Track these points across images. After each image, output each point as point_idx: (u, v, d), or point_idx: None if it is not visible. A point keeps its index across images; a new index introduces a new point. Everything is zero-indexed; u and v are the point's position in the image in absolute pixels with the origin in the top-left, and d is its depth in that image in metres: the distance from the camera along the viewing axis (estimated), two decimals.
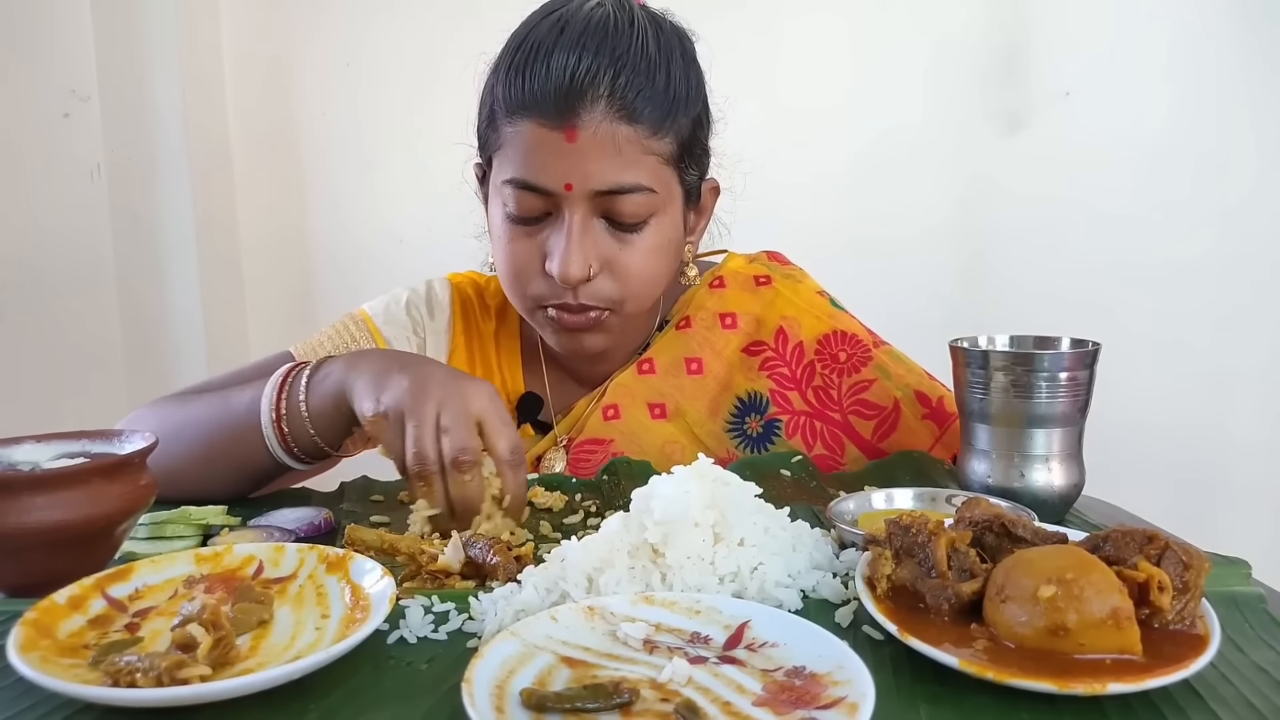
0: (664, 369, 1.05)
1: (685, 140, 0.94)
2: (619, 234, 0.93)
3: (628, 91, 0.88)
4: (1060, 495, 0.80)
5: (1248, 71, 1.88)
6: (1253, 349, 1.95)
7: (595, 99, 0.87)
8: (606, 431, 1.03)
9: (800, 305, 1.08)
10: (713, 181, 1.04)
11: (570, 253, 0.89)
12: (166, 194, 1.89)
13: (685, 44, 0.97)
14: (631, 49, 0.89)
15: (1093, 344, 0.80)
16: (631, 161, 0.89)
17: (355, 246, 2.06)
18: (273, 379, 0.86)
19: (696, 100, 0.95)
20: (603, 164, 0.88)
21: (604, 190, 0.89)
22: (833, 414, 1.04)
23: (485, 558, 0.65)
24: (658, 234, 0.94)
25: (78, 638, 0.55)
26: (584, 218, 0.90)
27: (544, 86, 0.87)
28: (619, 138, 0.88)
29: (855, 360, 1.05)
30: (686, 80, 0.94)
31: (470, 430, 0.76)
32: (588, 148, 0.87)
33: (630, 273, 0.93)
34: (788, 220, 1.72)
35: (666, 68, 0.91)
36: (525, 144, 0.90)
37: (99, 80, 1.81)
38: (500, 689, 0.47)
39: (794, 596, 0.60)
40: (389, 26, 1.99)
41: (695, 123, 0.96)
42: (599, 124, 0.87)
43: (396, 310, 1.10)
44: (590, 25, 0.89)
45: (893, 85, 1.97)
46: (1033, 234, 1.96)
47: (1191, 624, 0.52)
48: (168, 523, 0.78)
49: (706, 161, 1.01)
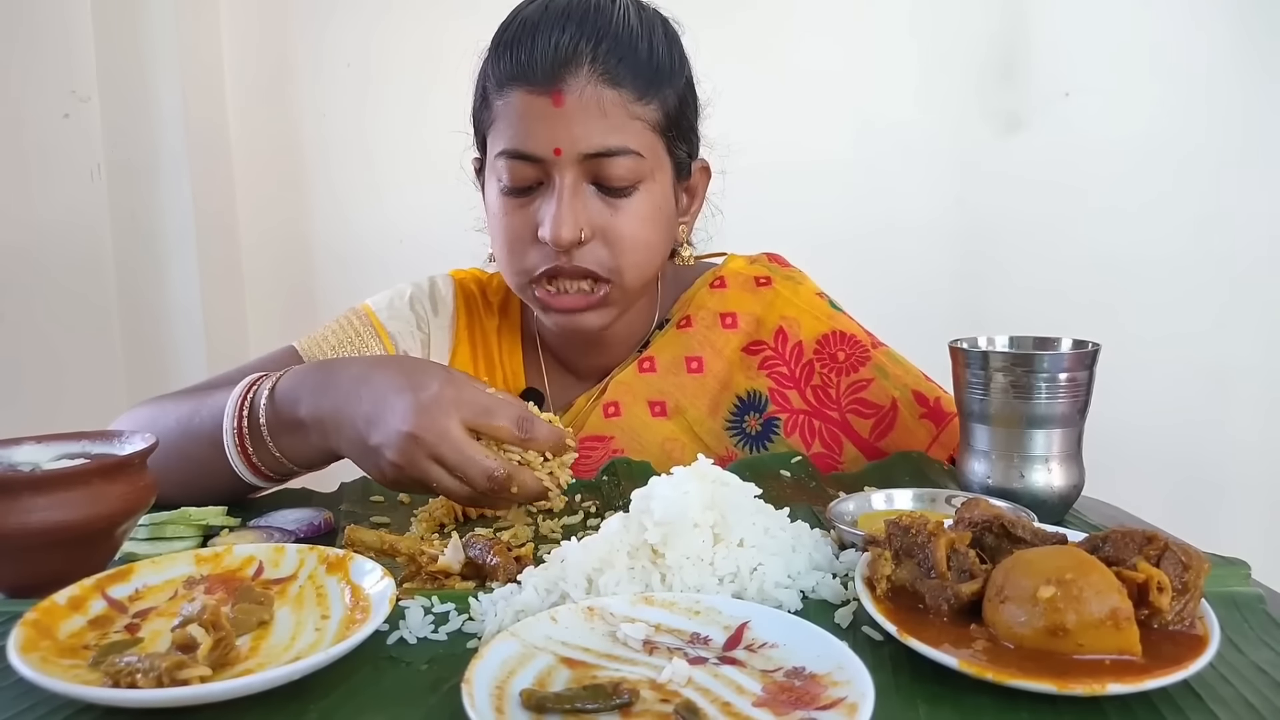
0: (664, 367, 1.06)
1: (671, 112, 0.96)
2: (609, 200, 0.94)
3: (609, 57, 0.91)
4: (1060, 496, 0.80)
5: (1245, 72, 1.88)
6: (1252, 349, 1.95)
7: (579, 65, 0.90)
8: (607, 429, 1.04)
9: (800, 306, 1.08)
10: (703, 161, 1.06)
11: (561, 214, 0.91)
12: (166, 194, 1.89)
13: (667, 25, 1.00)
14: (614, 19, 0.93)
15: (1092, 345, 0.81)
16: (618, 125, 0.92)
17: (355, 246, 2.05)
18: (227, 421, 0.84)
19: (679, 74, 0.98)
20: (589, 126, 0.91)
21: (592, 153, 0.91)
22: (831, 413, 1.05)
23: (485, 558, 0.66)
24: (648, 201, 0.95)
25: (78, 638, 0.55)
26: (574, 182, 0.92)
27: (530, 56, 0.91)
28: (604, 101, 0.91)
29: (854, 360, 1.06)
30: (670, 54, 0.97)
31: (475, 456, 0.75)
32: (574, 111, 0.90)
33: (623, 237, 0.94)
34: (786, 220, 1.72)
35: (649, 38, 0.95)
36: (515, 113, 0.92)
37: (99, 80, 1.81)
38: (500, 690, 0.47)
39: (793, 597, 0.60)
40: (389, 26, 1.99)
41: (680, 99, 0.98)
42: (584, 87, 0.90)
43: (400, 305, 1.11)
44: (573, 2, 0.94)
45: (892, 84, 1.97)
46: (1031, 234, 1.96)
47: (1191, 625, 0.52)
48: (168, 523, 0.78)
49: (695, 141, 1.03)
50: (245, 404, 0.84)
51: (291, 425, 0.82)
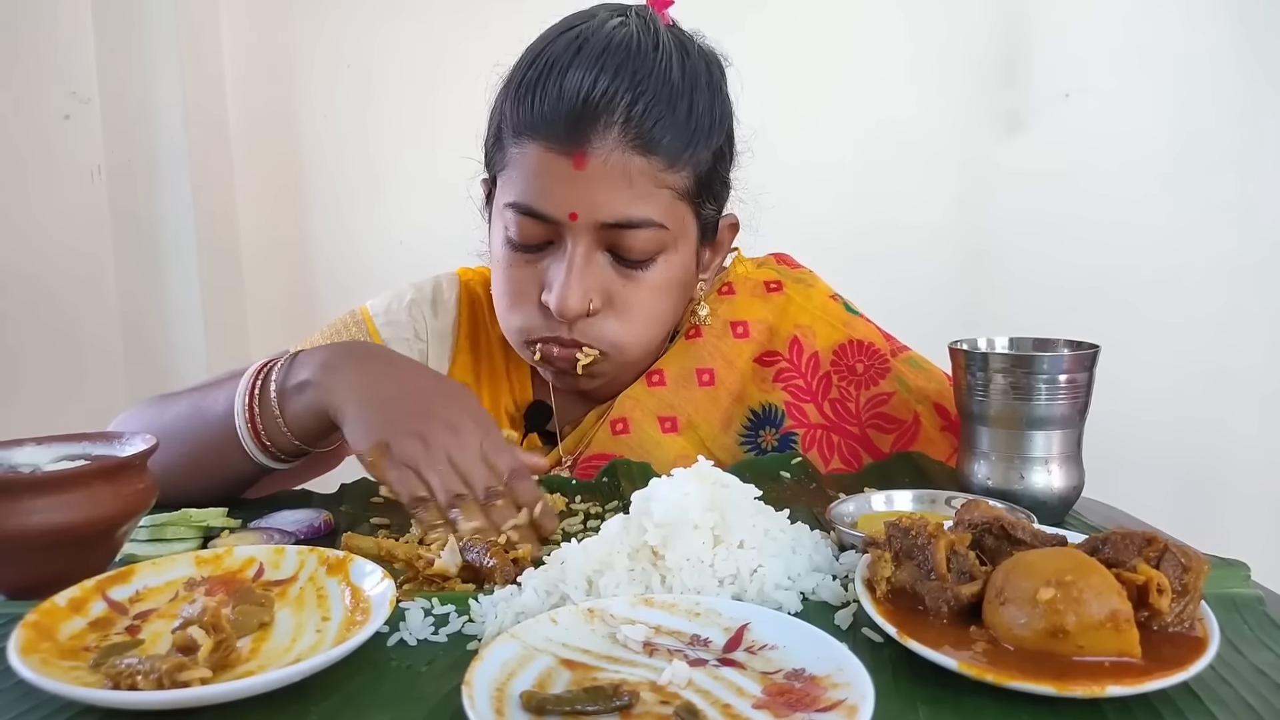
0: (674, 380, 1.00)
1: (703, 174, 0.89)
2: (624, 270, 0.88)
3: (645, 120, 0.83)
4: (1059, 497, 0.80)
5: (1247, 72, 1.88)
6: (1252, 349, 1.95)
7: (609, 125, 0.82)
8: (615, 447, 0.98)
9: (814, 312, 1.03)
10: (731, 217, 1.00)
11: (570, 285, 0.85)
12: (166, 195, 1.89)
13: (713, 70, 0.91)
14: (654, 74, 0.84)
15: (1092, 346, 0.81)
16: (643, 195, 0.84)
17: (355, 248, 2.05)
18: (242, 385, 0.82)
19: (720, 132, 0.90)
20: (612, 195, 0.84)
21: (611, 223, 0.85)
22: (850, 427, 1.00)
23: (482, 561, 0.66)
24: (665, 273, 0.90)
25: (78, 640, 0.55)
26: (587, 249, 0.86)
27: (554, 108, 0.83)
28: (631, 169, 0.83)
29: (873, 372, 1.00)
30: (711, 111, 0.88)
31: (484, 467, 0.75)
32: (597, 176, 0.83)
33: (632, 311, 0.89)
34: (786, 220, 1.72)
35: (690, 96, 0.86)
36: (530, 168, 0.85)
37: (99, 81, 1.82)
38: (500, 691, 0.47)
39: (793, 599, 0.60)
40: (390, 28, 1.99)
41: (716, 155, 0.91)
42: (611, 152, 0.82)
43: (398, 310, 1.06)
44: (611, 45, 0.84)
45: (893, 85, 1.97)
46: (1032, 235, 1.96)
47: (1190, 626, 0.52)
48: (168, 525, 0.78)
49: (725, 195, 0.97)
50: (260, 374, 0.82)
51: (299, 386, 0.80)
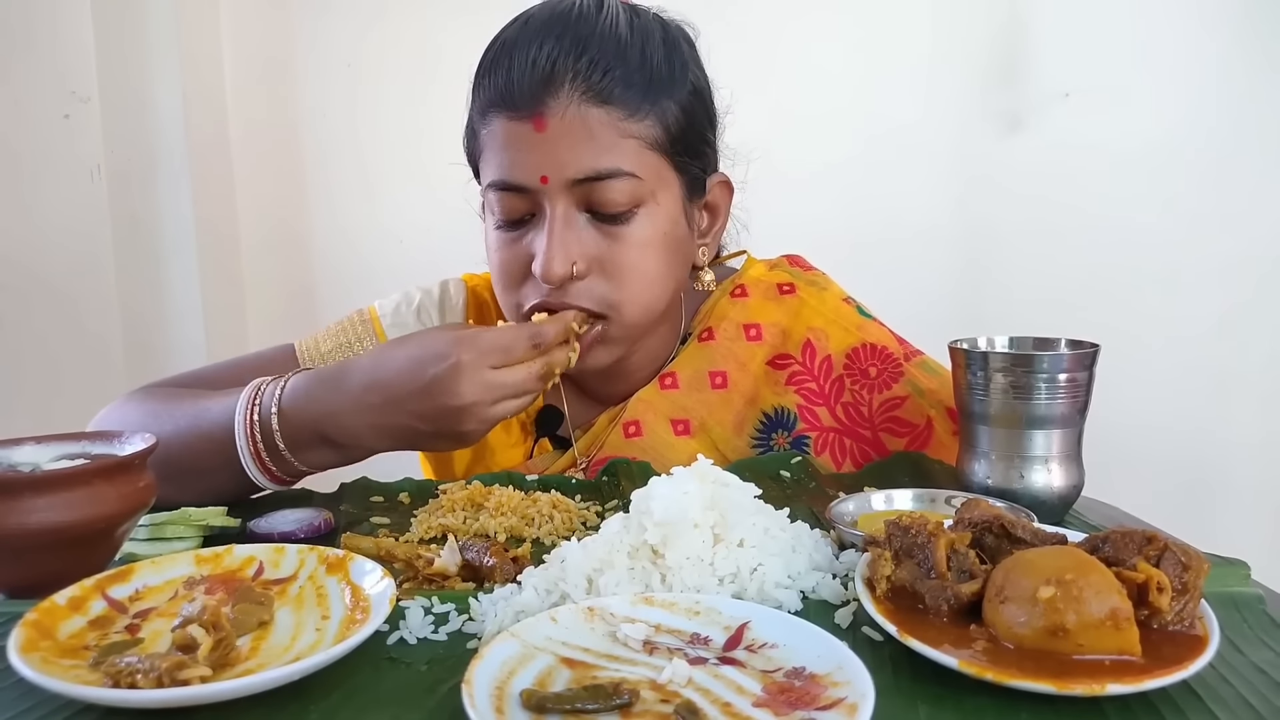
0: (687, 383, 1.00)
1: (673, 127, 0.90)
2: (606, 228, 0.88)
3: (593, 72, 0.85)
4: (1059, 496, 0.80)
5: (1248, 72, 1.88)
6: (1253, 349, 1.95)
7: (559, 83, 0.84)
8: (628, 449, 0.98)
9: (827, 315, 1.02)
10: (722, 176, 0.99)
11: (552, 248, 0.86)
12: (166, 194, 1.89)
13: (667, 30, 0.93)
14: (598, 30, 0.86)
15: (1092, 345, 0.81)
16: (607, 145, 0.85)
17: (355, 247, 2.06)
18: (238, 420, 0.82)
19: (681, 83, 0.91)
20: (577, 150, 0.85)
21: (581, 178, 0.85)
22: (864, 431, 1.00)
23: (481, 560, 0.66)
24: (649, 226, 0.89)
25: (78, 639, 0.55)
26: (565, 211, 0.87)
27: (509, 79, 0.86)
28: (591, 121, 0.85)
29: (886, 376, 0.99)
30: (669, 62, 0.89)
31: (509, 381, 0.79)
32: (558, 135, 0.84)
33: (622, 268, 0.88)
34: (786, 221, 1.72)
35: (641, 47, 0.88)
36: (499, 142, 0.88)
37: (99, 81, 1.81)
38: (500, 690, 0.47)
39: (793, 597, 0.60)
40: (389, 27, 1.99)
41: (685, 111, 0.91)
42: (567, 109, 0.84)
43: (406, 313, 1.06)
44: (554, 15, 0.88)
45: (893, 86, 1.97)
46: (1032, 235, 1.96)
47: (1190, 625, 0.52)
48: (168, 524, 0.78)
49: (710, 156, 0.97)
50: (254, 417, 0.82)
51: (313, 441, 0.82)
